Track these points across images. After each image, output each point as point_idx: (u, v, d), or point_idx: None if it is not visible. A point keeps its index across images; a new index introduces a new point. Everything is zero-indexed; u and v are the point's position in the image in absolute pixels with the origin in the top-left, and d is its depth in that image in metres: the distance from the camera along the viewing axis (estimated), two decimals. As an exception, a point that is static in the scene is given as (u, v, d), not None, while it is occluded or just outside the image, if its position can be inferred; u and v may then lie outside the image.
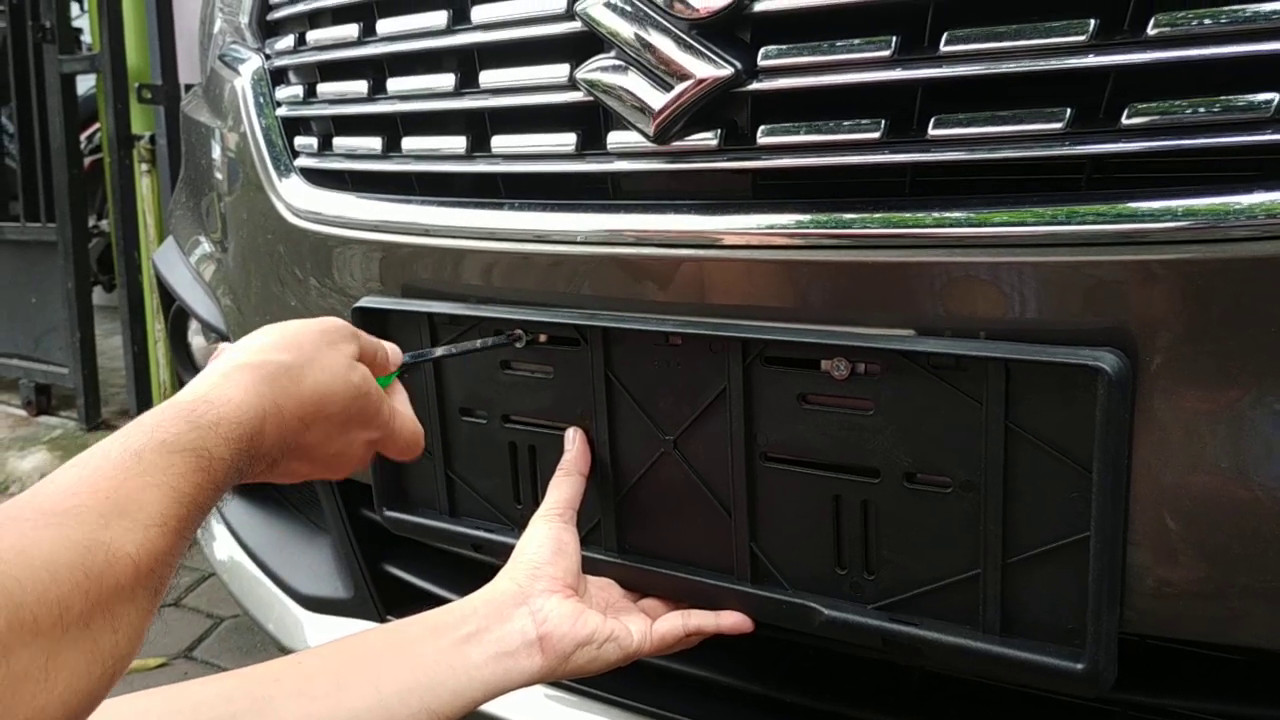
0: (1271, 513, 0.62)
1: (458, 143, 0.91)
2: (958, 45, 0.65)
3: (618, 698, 0.96)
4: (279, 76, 1.12)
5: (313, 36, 1.06)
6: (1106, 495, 0.64)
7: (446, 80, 0.91)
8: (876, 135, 0.69)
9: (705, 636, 0.82)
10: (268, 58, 1.13)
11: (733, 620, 0.81)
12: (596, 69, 0.77)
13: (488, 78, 0.87)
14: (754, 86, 0.72)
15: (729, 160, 0.75)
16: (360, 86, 0.99)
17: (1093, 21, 0.61)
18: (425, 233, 0.93)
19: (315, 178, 1.06)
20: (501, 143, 0.88)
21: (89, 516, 0.48)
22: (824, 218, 0.71)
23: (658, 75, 0.74)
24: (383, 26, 0.96)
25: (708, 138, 0.75)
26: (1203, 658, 0.74)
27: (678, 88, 0.73)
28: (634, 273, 0.81)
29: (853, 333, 0.72)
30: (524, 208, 0.87)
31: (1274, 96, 0.58)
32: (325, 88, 1.04)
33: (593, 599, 0.83)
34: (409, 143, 0.96)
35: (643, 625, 0.80)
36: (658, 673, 0.96)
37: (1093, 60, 0.62)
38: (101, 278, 4.15)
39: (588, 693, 0.97)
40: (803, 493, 0.77)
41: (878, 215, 0.69)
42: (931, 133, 0.67)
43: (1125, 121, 0.61)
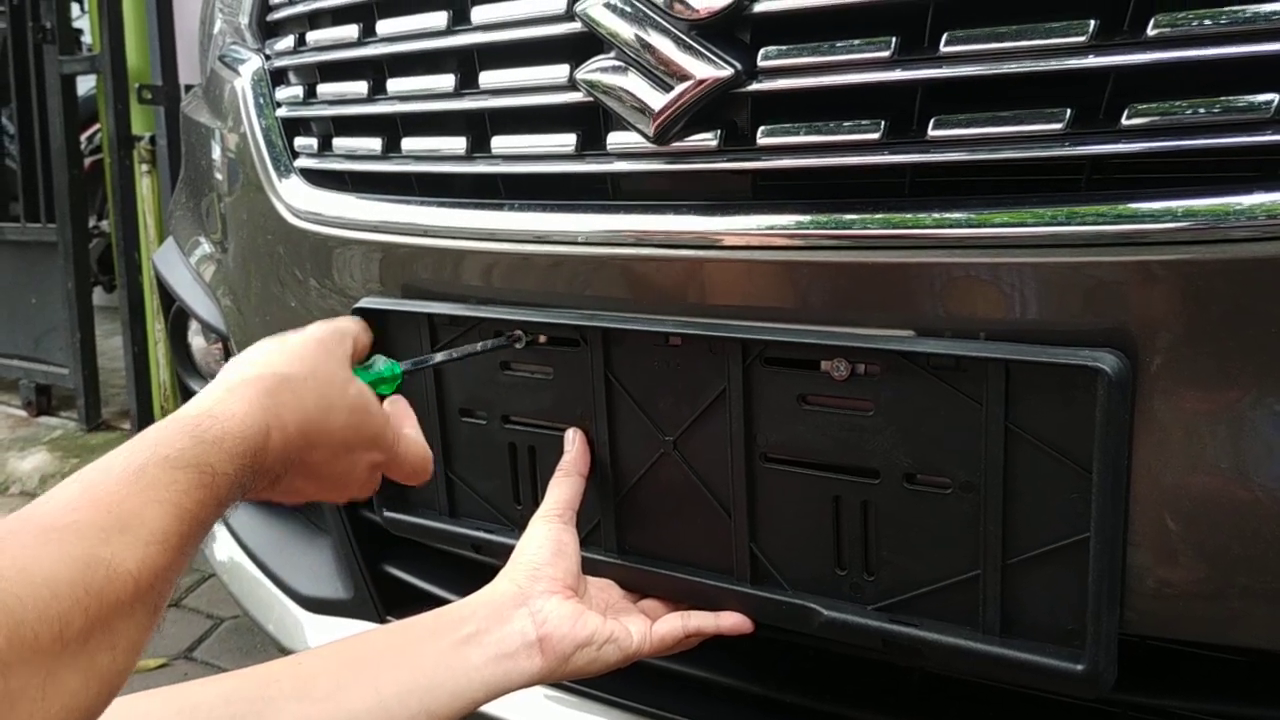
0: (1271, 513, 0.62)
1: (458, 143, 0.91)
2: (957, 46, 0.65)
3: (618, 698, 0.96)
4: (279, 77, 1.12)
5: (313, 37, 1.06)
6: (1106, 496, 0.64)
7: (446, 81, 0.91)
8: (876, 136, 0.69)
9: (705, 637, 0.82)
10: (268, 58, 1.13)
11: (732, 621, 0.81)
12: (596, 70, 0.77)
13: (487, 78, 0.87)
14: (754, 87, 0.72)
15: (729, 161, 0.75)
16: (360, 87, 0.99)
17: (1093, 22, 0.61)
18: (425, 233, 0.93)
19: (315, 178, 1.06)
20: (501, 143, 0.88)
21: (90, 532, 0.48)
22: (824, 218, 0.71)
23: (657, 76, 0.74)
24: (383, 27, 0.96)
25: (707, 138, 0.75)
26: (1203, 658, 0.74)
27: (677, 88, 0.73)
28: (634, 273, 0.81)
29: (853, 333, 0.72)
30: (524, 208, 0.87)
31: (1274, 97, 0.58)
32: (325, 88, 1.04)
33: (592, 600, 0.83)
34: (409, 143, 0.96)
35: (642, 626, 0.80)
36: (658, 673, 0.96)
37: (1092, 61, 0.62)
38: (102, 278, 4.15)
39: (588, 693, 0.97)
40: (802, 493, 0.77)
41: (878, 216, 0.69)
42: (931, 133, 0.67)
43: (1125, 122, 0.61)
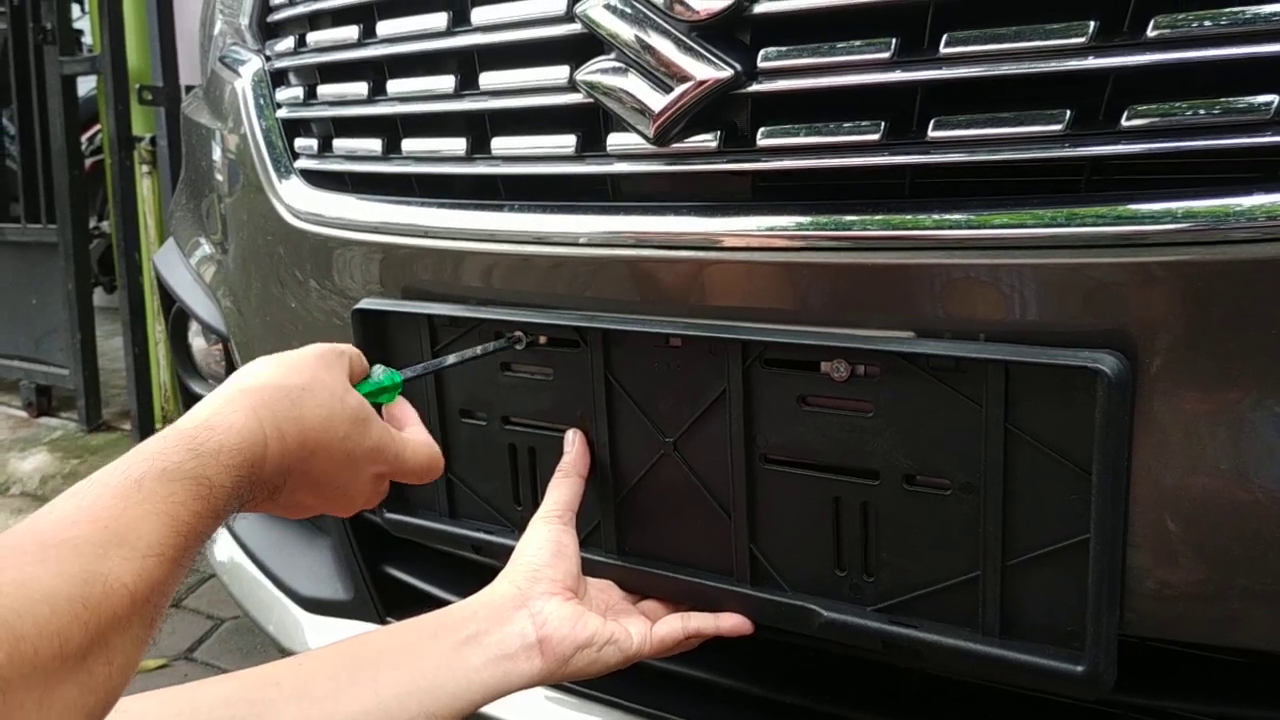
0: (1271, 515, 0.62)
1: (458, 144, 0.91)
2: (957, 47, 0.65)
3: (618, 699, 0.96)
4: (279, 78, 1.12)
5: (313, 38, 1.06)
6: (1106, 497, 0.64)
7: (446, 82, 0.91)
8: (876, 137, 0.69)
9: (705, 639, 0.82)
10: (268, 59, 1.13)
11: (732, 622, 0.81)
12: (596, 71, 0.78)
13: (488, 79, 0.87)
14: (754, 88, 0.72)
15: (729, 162, 0.75)
16: (360, 88, 0.99)
17: (1092, 23, 0.61)
18: (425, 234, 0.93)
19: (315, 179, 1.06)
20: (501, 144, 0.88)
21: (87, 547, 0.48)
22: (824, 219, 0.71)
23: (657, 77, 0.74)
24: (383, 28, 0.96)
25: (707, 139, 0.75)
26: (1203, 660, 0.74)
27: (677, 89, 0.73)
28: (634, 274, 0.81)
29: (852, 335, 0.72)
30: (524, 209, 0.87)
31: (1274, 98, 0.58)
32: (325, 89, 1.04)
33: (592, 601, 0.83)
34: (409, 144, 0.96)
35: (642, 627, 0.80)
36: (658, 674, 0.96)
37: (1092, 62, 0.62)
38: (102, 279, 4.16)
39: (588, 694, 0.97)
40: (802, 494, 0.77)
41: (878, 217, 0.69)
42: (931, 134, 0.67)
43: (1125, 123, 0.61)
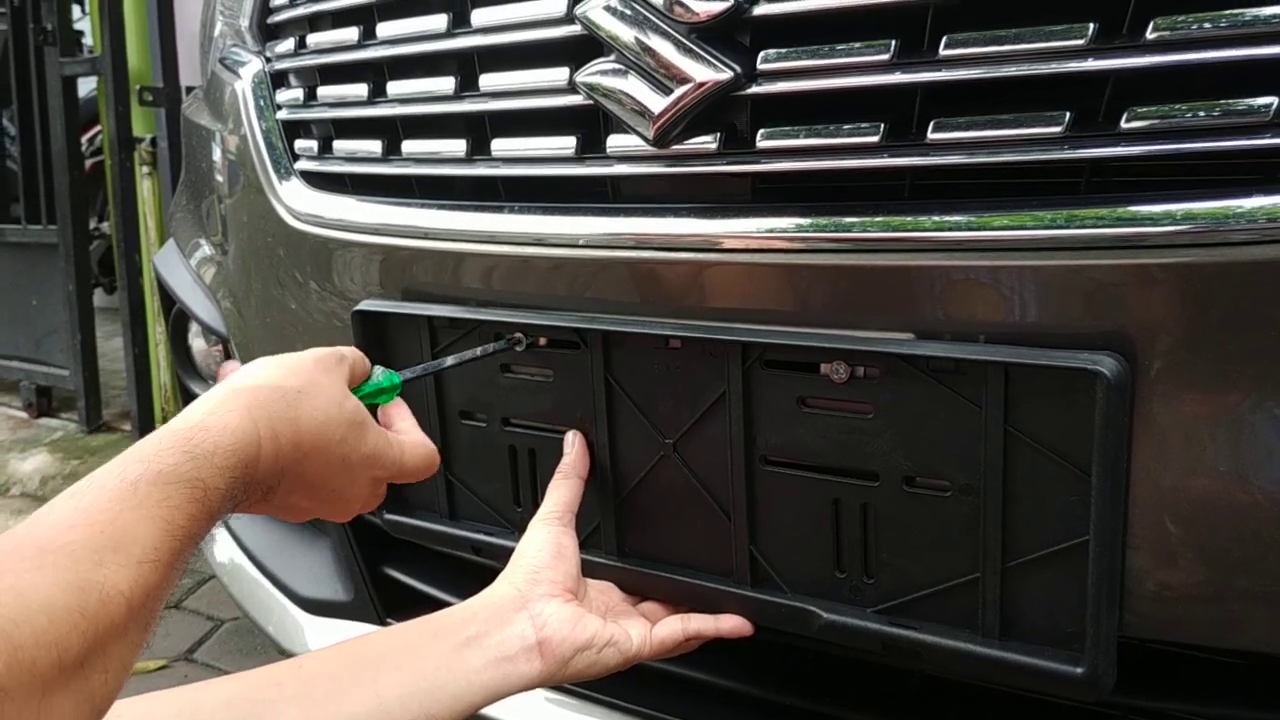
0: (1271, 516, 0.62)
1: (458, 146, 0.91)
2: (957, 49, 0.65)
3: (618, 700, 0.96)
4: (279, 79, 1.13)
5: (313, 40, 1.06)
6: (1105, 499, 0.64)
7: (446, 83, 0.91)
8: (876, 139, 0.69)
9: (705, 640, 0.82)
10: (268, 61, 1.13)
11: (732, 624, 0.81)
12: (596, 72, 0.78)
13: (488, 81, 0.88)
14: (753, 90, 0.72)
15: (728, 164, 0.75)
16: (360, 89, 0.99)
17: (1092, 25, 0.61)
18: (425, 236, 0.93)
19: (315, 181, 1.06)
20: (501, 146, 0.88)
21: (84, 553, 0.48)
22: (824, 221, 0.71)
23: (657, 79, 0.74)
24: (383, 30, 0.96)
25: (707, 141, 0.75)
26: (1203, 661, 0.74)
27: (677, 91, 0.73)
28: (633, 276, 0.81)
29: (852, 336, 0.72)
30: (524, 211, 0.87)
31: (1273, 100, 0.58)
32: (325, 91, 1.04)
33: (592, 603, 0.83)
34: (409, 146, 0.96)
35: (642, 629, 0.80)
36: (658, 675, 0.96)
37: (1092, 64, 0.62)
38: (102, 280, 4.16)
39: (588, 696, 0.97)
40: (802, 496, 0.77)
41: (877, 219, 0.69)
42: (931, 136, 0.67)
43: (1124, 125, 0.61)
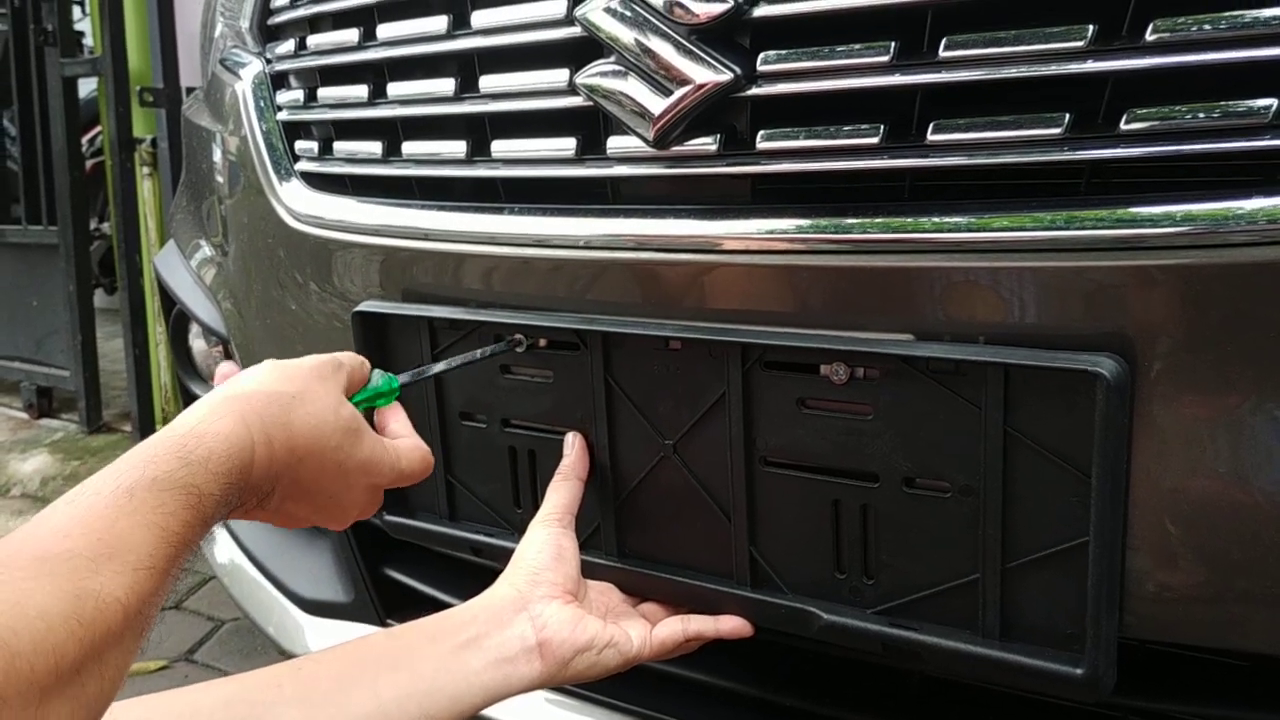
0: (1271, 517, 0.62)
1: (458, 147, 0.91)
2: (956, 50, 0.65)
3: (618, 701, 0.96)
4: (280, 81, 1.13)
5: (313, 41, 1.06)
6: (1105, 500, 0.64)
7: (447, 85, 0.91)
8: (876, 140, 0.69)
9: (705, 641, 0.82)
10: (268, 62, 1.14)
11: (732, 625, 0.81)
12: (596, 74, 0.78)
13: (488, 82, 0.88)
14: (753, 91, 0.72)
15: (728, 165, 0.75)
16: (361, 91, 0.99)
17: (1091, 27, 0.61)
18: (425, 237, 0.93)
19: (316, 182, 1.06)
20: (501, 147, 0.88)
21: (80, 561, 0.48)
22: (824, 222, 0.71)
23: (657, 80, 0.74)
24: (383, 31, 0.96)
25: (707, 143, 0.75)
26: (1203, 662, 0.74)
27: (677, 93, 0.73)
28: (633, 277, 0.81)
29: (852, 337, 0.72)
30: (524, 212, 0.87)
31: (1273, 102, 0.58)
32: (326, 92, 1.04)
33: (592, 604, 0.83)
34: (409, 147, 0.96)
35: (642, 631, 0.80)
36: (658, 676, 0.96)
37: (1091, 65, 0.62)
38: (103, 280, 4.16)
39: (588, 697, 0.97)
40: (802, 497, 0.77)
41: (877, 220, 0.69)
42: (930, 138, 0.67)
43: (1124, 127, 0.61)
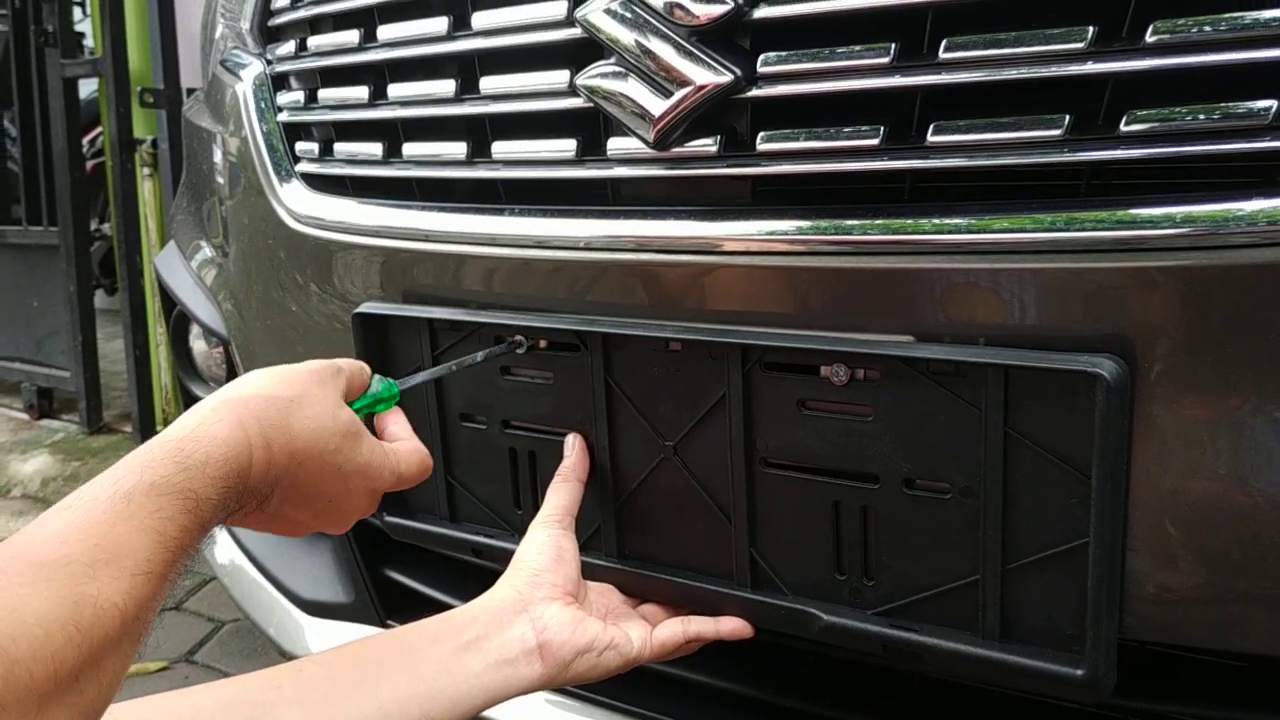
0: (1271, 518, 0.62)
1: (458, 148, 0.91)
2: (957, 52, 0.65)
3: (618, 703, 0.96)
4: (280, 82, 1.13)
5: (314, 42, 1.06)
6: (1105, 501, 0.64)
7: (447, 86, 0.91)
8: (876, 142, 0.69)
9: (705, 642, 0.82)
10: (269, 63, 1.14)
11: (732, 626, 0.81)
12: (597, 75, 0.78)
13: (488, 84, 0.88)
14: (754, 93, 0.72)
15: (729, 166, 0.75)
16: (361, 92, 0.99)
17: (1091, 28, 0.61)
18: (426, 238, 0.93)
19: (316, 183, 1.06)
20: (502, 148, 0.88)
21: (78, 567, 0.48)
22: (824, 224, 0.71)
23: (658, 82, 0.74)
24: (384, 32, 0.96)
25: (708, 144, 0.75)
26: (1203, 663, 0.74)
27: (678, 94, 0.73)
28: (634, 278, 0.81)
29: (852, 339, 0.72)
30: (524, 213, 0.87)
31: (1273, 103, 0.58)
32: (326, 93, 1.04)
33: (592, 605, 0.83)
34: (410, 148, 0.96)
35: (643, 632, 0.80)
36: (659, 677, 0.96)
37: (1091, 67, 0.62)
38: (103, 281, 4.16)
39: (589, 698, 0.97)
40: (802, 498, 0.77)
41: (878, 221, 0.69)
42: (931, 139, 0.67)
43: (1124, 128, 0.61)
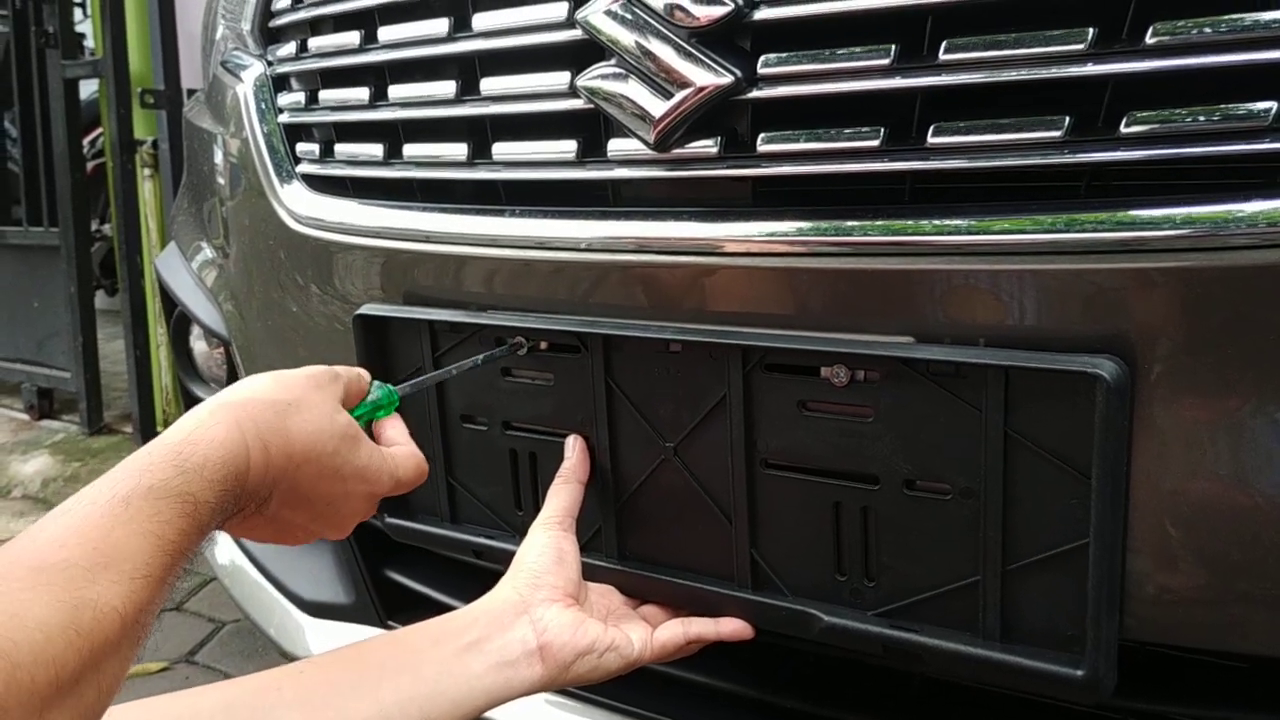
0: (1271, 519, 0.62)
1: (459, 149, 0.91)
2: (957, 53, 0.65)
3: (619, 704, 0.96)
4: (281, 83, 1.13)
5: (315, 43, 1.06)
6: (1105, 502, 0.64)
7: (448, 87, 0.91)
8: (876, 143, 0.69)
9: (706, 644, 0.82)
10: (270, 64, 1.14)
11: (733, 627, 0.81)
12: (597, 77, 0.78)
13: (489, 85, 0.88)
14: (754, 94, 0.72)
15: (729, 168, 0.75)
16: (362, 93, 0.99)
17: (1091, 30, 0.61)
18: (426, 239, 0.93)
19: (317, 184, 1.06)
20: (502, 150, 0.88)
21: (77, 571, 0.48)
22: (824, 225, 0.71)
23: (658, 83, 0.74)
24: (384, 34, 0.96)
25: (708, 145, 0.75)
26: (1204, 664, 0.74)
27: (678, 95, 0.73)
28: (634, 280, 0.81)
29: (852, 340, 0.72)
30: (525, 215, 0.87)
31: (1273, 105, 0.58)
32: (327, 94, 1.04)
33: (593, 607, 0.83)
34: (410, 149, 0.96)
35: (643, 633, 0.80)
36: (659, 678, 0.96)
37: (1091, 69, 0.62)
38: (104, 282, 4.16)
39: (590, 699, 0.97)
40: (803, 499, 0.77)
41: (878, 223, 0.69)
42: (931, 140, 0.67)
43: (1124, 130, 0.62)
